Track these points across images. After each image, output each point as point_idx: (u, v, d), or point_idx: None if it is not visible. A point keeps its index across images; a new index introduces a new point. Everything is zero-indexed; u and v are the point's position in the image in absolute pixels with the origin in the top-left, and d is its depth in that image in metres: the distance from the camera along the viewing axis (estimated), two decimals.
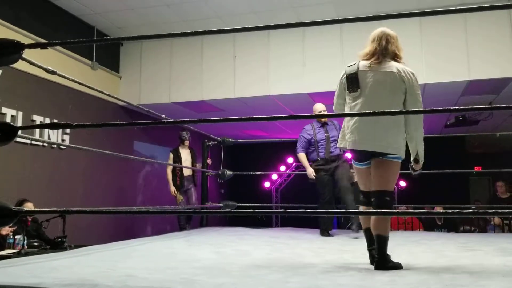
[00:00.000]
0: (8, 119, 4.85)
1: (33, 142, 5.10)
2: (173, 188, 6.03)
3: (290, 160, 10.22)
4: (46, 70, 2.70)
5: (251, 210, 2.02)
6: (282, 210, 2.02)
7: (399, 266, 2.52)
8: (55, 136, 5.52)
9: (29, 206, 4.32)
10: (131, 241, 3.97)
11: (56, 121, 5.33)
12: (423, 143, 2.64)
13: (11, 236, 3.88)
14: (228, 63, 6.50)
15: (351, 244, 3.89)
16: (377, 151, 2.56)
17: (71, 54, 5.92)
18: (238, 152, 9.81)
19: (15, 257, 3.13)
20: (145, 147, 7.62)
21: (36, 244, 4.12)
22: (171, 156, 6.15)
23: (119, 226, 6.64)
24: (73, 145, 4.03)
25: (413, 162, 2.70)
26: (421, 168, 2.73)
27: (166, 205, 7.68)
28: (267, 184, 10.37)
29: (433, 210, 6.48)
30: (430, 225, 6.60)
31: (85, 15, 6.01)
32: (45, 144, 5.36)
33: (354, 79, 2.62)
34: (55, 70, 2.74)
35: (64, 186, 5.68)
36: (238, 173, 5.96)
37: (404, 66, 2.62)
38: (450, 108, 1.72)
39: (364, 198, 2.78)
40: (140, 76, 6.92)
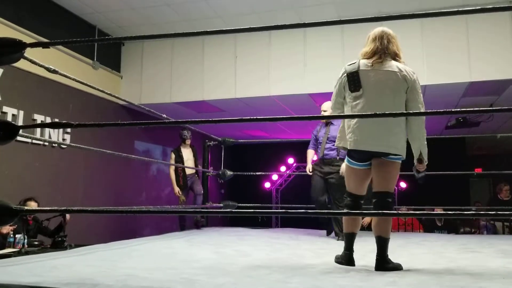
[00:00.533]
0: (9, 118, 4.85)
1: (34, 141, 5.10)
2: (176, 188, 5.95)
3: (291, 160, 10.21)
4: (47, 69, 2.70)
5: (252, 211, 2.02)
6: (283, 210, 2.01)
7: (400, 267, 2.52)
8: (56, 135, 5.53)
9: (32, 205, 4.32)
10: (131, 241, 3.97)
11: (57, 120, 5.33)
12: (426, 143, 2.60)
13: (11, 235, 3.88)
14: (229, 63, 6.50)
15: None
16: (380, 151, 2.53)
17: (73, 54, 5.92)
18: (239, 152, 9.81)
19: (15, 256, 3.13)
20: (145, 146, 7.63)
21: (36, 243, 4.12)
22: (172, 156, 6.07)
23: (119, 225, 6.65)
24: (74, 145, 4.04)
25: (416, 162, 2.64)
26: (425, 169, 2.66)
27: (166, 205, 7.72)
28: (267, 185, 10.38)
29: (433, 211, 6.50)
30: (430, 226, 6.58)
31: (87, 14, 6.02)
32: (46, 144, 5.36)
33: (356, 78, 2.57)
34: (56, 69, 2.75)
35: (65, 186, 5.68)
36: (239, 173, 5.96)
37: (405, 65, 2.61)
38: (451, 110, 1.73)
39: (352, 201, 2.70)
40: (141, 76, 6.92)
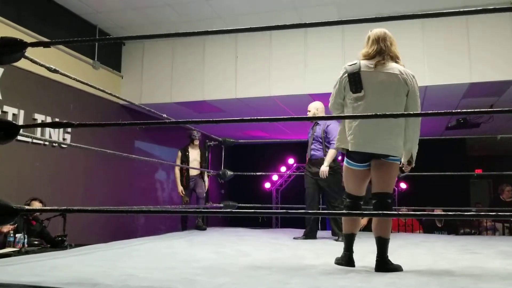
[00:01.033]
0: (10, 118, 4.85)
1: (34, 141, 5.10)
2: (180, 187, 5.90)
3: (291, 161, 10.21)
4: (48, 69, 2.70)
5: (252, 211, 2.02)
6: (283, 211, 2.01)
7: (399, 268, 2.52)
8: (56, 135, 5.53)
9: (37, 205, 4.31)
10: (132, 241, 3.98)
11: (57, 120, 5.33)
12: (417, 146, 2.64)
13: (11, 235, 3.88)
14: (229, 64, 6.50)
15: None
16: (382, 153, 2.54)
17: (73, 53, 5.92)
18: (239, 152, 9.80)
19: (15, 256, 3.13)
20: (146, 146, 7.63)
21: (36, 242, 4.12)
22: (179, 154, 5.98)
23: (119, 225, 6.65)
24: (74, 144, 4.05)
25: (405, 164, 2.67)
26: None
27: (167, 205, 7.72)
28: (267, 185, 10.37)
29: (433, 212, 6.50)
30: (430, 227, 6.58)
31: (88, 14, 6.02)
32: (46, 143, 5.36)
33: (357, 79, 2.55)
34: (57, 69, 2.75)
35: (65, 185, 5.68)
36: (239, 173, 5.96)
37: (405, 68, 2.62)
38: (452, 111, 1.73)
39: (351, 202, 2.71)
40: (141, 76, 6.92)
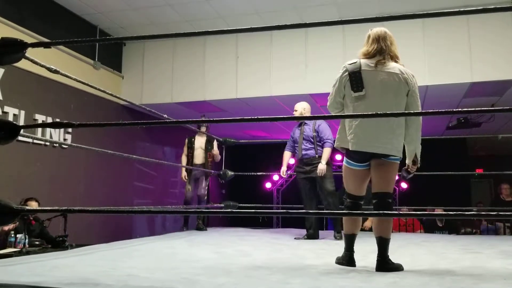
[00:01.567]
0: (11, 118, 4.86)
1: (35, 141, 5.10)
2: (184, 173, 5.84)
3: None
4: (48, 69, 2.70)
5: (253, 211, 2.02)
6: (283, 211, 2.01)
7: (400, 267, 2.52)
8: (57, 135, 5.53)
9: (33, 205, 4.31)
10: (132, 241, 3.98)
11: (58, 120, 5.34)
12: (420, 146, 2.63)
13: (12, 235, 3.89)
14: (230, 64, 6.50)
15: None
16: (383, 153, 2.53)
17: (74, 54, 5.93)
18: (240, 152, 9.80)
19: (16, 256, 3.13)
20: (146, 146, 7.63)
21: (37, 243, 4.12)
22: (186, 141, 5.93)
23: (120, 225, 6.65)
24: (75, 144, 4.04)
25: (410, 164, 2.66)
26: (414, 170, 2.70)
27: (167, 205, 7.72)
28: (268, 185, 10.36)
29: (434, 212, 6.49)
30: (431, 227, 6.57)
31: (88, 14, 6.02)
32: (47, 143, 5.37)
33: (358, 77, 2.53)
34: (57, 69, 2.75)
35: (66, 185, 5.68)
36: (240, 173, 5.96)
37: (405, 68, 2.61)
38: (453, 110, 1.72)
39: (351, 202, 2.70)
40: (142, 76, 6.92)
